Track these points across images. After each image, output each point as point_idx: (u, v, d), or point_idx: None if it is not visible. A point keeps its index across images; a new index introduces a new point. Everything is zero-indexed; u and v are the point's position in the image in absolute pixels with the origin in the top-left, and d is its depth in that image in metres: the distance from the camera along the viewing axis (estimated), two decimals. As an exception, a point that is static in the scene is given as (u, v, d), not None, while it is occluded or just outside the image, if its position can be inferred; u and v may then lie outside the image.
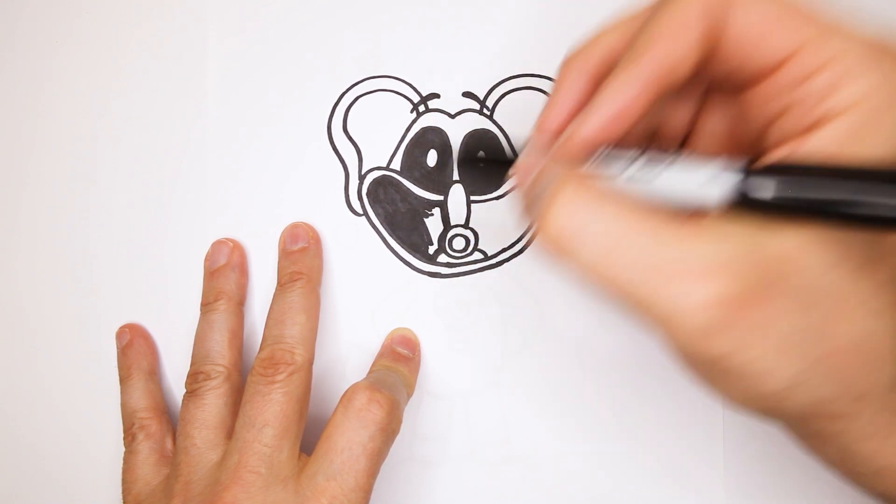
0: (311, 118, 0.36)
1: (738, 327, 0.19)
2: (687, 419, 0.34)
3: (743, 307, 0.19)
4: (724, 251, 0.19)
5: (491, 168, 0.29)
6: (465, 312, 0.35)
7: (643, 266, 0.19)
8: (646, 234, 0.19)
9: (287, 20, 0.36)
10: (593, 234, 0.20)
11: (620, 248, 0.19)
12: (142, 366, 0.35)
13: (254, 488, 0.28)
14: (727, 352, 0.19)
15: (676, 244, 0.19)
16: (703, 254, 0.19)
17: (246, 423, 0.30)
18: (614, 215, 0.20)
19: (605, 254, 0.19)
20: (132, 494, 0.32)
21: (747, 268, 0.19)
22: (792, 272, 0.19)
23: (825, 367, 0.20)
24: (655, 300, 0.19)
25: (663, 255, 0.19)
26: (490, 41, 0.35)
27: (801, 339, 0.20)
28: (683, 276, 0.19)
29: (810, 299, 0.19)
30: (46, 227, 0.37)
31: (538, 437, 0.35)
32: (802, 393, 0.20)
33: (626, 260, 0.19)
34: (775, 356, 0.19)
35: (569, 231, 0.20)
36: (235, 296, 0.35)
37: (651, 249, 0.19)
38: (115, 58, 0.37)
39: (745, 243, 0.19)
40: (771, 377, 0.20)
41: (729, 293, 0.19)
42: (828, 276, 0.19)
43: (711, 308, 0.19)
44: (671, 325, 0.19)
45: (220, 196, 0.36)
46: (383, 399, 0.30)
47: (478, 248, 0.35)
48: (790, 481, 0.34)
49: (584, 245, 0.20)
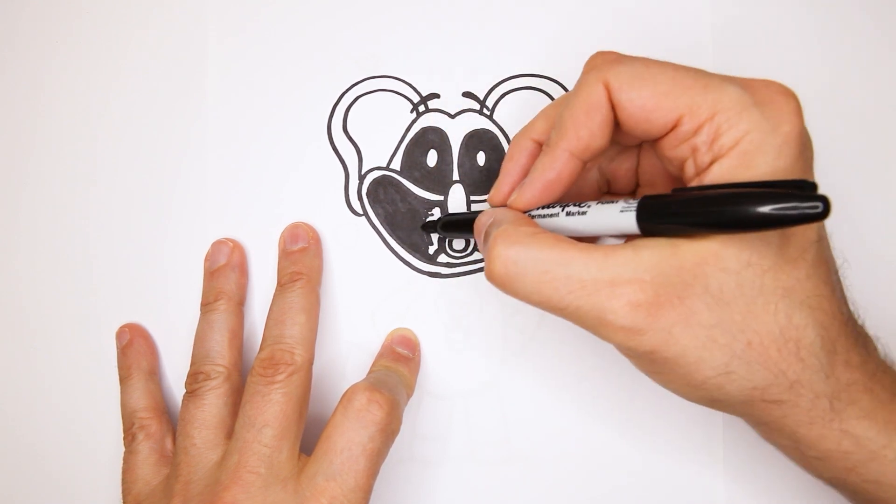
0: (311, 118, 0.36)
1: (660, 325, 0.23)
2: (687, 419, 0.34)
3: (660, 307, 0.23)
4: (639, 263, 0.23)
5: (458, 228, 0.33)
6: (465, 312, 0.35)
7: (573, 284, 0.23)
8: (572, 258, 0.24)
9: (287, 20, 0.36)
10: (528, 263, 0.24)
11: (552, 271, 0.24)
12: (142, 366, 0.35)
13: (253, 488, 0.28)
14: (655, 346, 0.23)
15: (598, 262, 0.23)
16: (620, 267, 0.23)
17: (246, 424, 0.30)
18: (544, 247, 0.24)
19: (540, 278, 0.24)
20: (132, 494, 0.32)
21: (658, 276, 0.23)
22: (707, 273, 0.23)
23: (751, 357, 0.23)
24: (588, 311, 0.23)
25: (588, 273, 0.23)
26: (490, 41, 0.35)
27: (722, 332, 0.23)
28: (606, 287, 0.23)
29: (728, 296, 0.23)
30: (46, 227, 0.37)
31: (538, 437, 0.35)
32: (736, 380, 0.23)
33: (558, 281, 0.23)
34: (701, 348, 0.23)
35: (509, 264, 0.24)
36: (235, 296, 0.35)
37: (577, 269, 0.23)
38: (115, 58, 0.37)
39: (659, 254, 0.23)
40: (701, 367, 0.23)
41: (646, 297, 0.23)
42: (742, 274, 0.23)
43: (632, 311, 0.23)
44: (605, 329, 0.23)
45: (220, 196, 0.36)
46: (383, 399, 0.30)
47: (477, 248, 0.35)
48: (790, 483, 0.34)
49: (523, 274, 0.24)
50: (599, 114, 0.25)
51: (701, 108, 0.23)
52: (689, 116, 0.23)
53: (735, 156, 0.23)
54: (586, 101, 0.25)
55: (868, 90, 0.35)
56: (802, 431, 0.24)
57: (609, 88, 0.24)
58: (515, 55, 0.35)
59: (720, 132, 0.23)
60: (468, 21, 0.36)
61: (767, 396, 0.24)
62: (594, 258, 0.23)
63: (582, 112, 0.25)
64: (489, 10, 0.36)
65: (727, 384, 0.23)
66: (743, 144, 0.23)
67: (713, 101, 0.23)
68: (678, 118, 0.24)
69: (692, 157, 0.24)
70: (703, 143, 0.23)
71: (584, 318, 0.24)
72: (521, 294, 0.24)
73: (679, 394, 0.25)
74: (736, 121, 0.23)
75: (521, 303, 0.35)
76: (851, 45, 0.35)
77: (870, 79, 0.35)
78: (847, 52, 0.35)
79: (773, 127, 0.23)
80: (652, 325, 0.23)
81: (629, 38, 0.35)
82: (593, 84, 0.25)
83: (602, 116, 0.25)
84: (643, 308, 0.22)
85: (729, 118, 0.23)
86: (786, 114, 0.23)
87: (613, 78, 0.24)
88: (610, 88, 0.24)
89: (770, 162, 0.23)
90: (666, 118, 0.24)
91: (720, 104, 0.23)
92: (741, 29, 0.35)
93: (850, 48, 0.35)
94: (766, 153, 0.23)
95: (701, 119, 0.23)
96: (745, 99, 0.23)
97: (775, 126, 0.23)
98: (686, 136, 0.24)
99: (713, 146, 0.23)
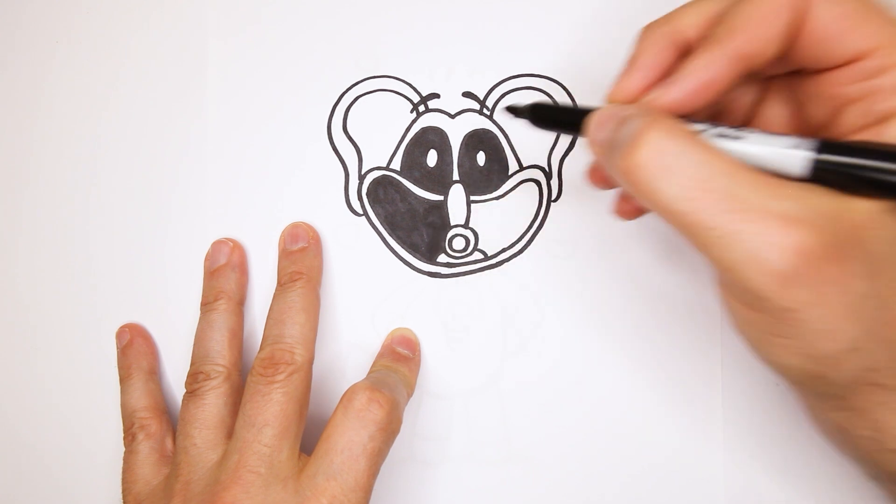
0: (311, 118, 0.36)
1: (816, 280, 0.20)
2: (687, 419, 0.34)
3: (822, 261, 0.20)
4: (809, 207, 0.20)
5: (562, 117, 0.27)
6: (465, 312, 0.35)
7: (736, 203, 0.20)
8: (735, 177, 0.20)
9: (287, 20, 0.36)
10: (681, 171, 0.20)
11: (714, 180, 0.20)
12: (142, 366, 0.35)
13: (254, 488, 0.28)
14: (800, 303, 0.20)
15: (764, 191, 0.20)
16: (789, 204, 0.20)
17: (246, 423, 0.30)
18: (703, 156, 0.20)
19: (692, 189, 0.20)
20: (132, 494, 0.32)
21: (829, 226, 0.20)
22: (865, 239, 0.20)
23: (884, 335, 0.21)
24: (739, 239, 0.20)
25: (751, 198, 0.20)
26: (489, 41, 0.35)
27: (865, 305, 0.20)
28: (771, 219, 0.20)
29: (879, 267, 0.20)
30: (46, 227, 0.37)
31: (538, 437, 0.35)
32: (857, 358, 0.21)
33: (719, 193, 0.20)
34: (842, 317, 0.20)
35: (656, 167, 0.20)
36: (235, 295, 0.35)
37: (739, 191, 0.20)
38: (115, 58, 0.37)
39: (827, 205, 0.20)
40: (832, 337, 0.20)
41: (813, 244, 0.19)
42: None
43: (794, 255, 0.19)
44: (750, 266, 0.20)
45: (220, 196, 0.36)
46: (383, 399, 0.30)
47: (478, 248, 0.35)
48: (790, 485, 0.34)
49: (671, 181, 0.20)
50: (786, 15, 0.21)
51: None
52: (885, 51, 0.21)
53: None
54: (770, 0, 0.22)
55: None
56: (892, 421, 0.22)
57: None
58: (515, 55, 0.35)
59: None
60: (468, 21, 0.36)
61: (879, 379, 0.22)
62: (768, 184, 0.20)
63: (767, 8, 0.22)
64: (489, 10, 0.36)
65: (846, 362, 0.21)
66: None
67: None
68: (870, 49, 0.21)
69: (865, 101, 0.21)
70: (889, 87, 0.21)
71: (730, 248, 0.20)
72: (666, 195, 0.20)
73: (781, 364, 0.22)
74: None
75: (521, 303, 0.35)
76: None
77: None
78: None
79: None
80: (811, 277, 0.20)
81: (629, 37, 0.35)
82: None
83: (788, 19, 0.21)
84: (810, 256, 0.19)
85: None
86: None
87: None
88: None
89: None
90: (857, 45, 0.21)
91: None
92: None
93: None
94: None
95: (894, 59, 0.21)
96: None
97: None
98: (870, 73, 0.21)
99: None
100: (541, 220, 0.35)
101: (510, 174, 0.35)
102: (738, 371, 0.33)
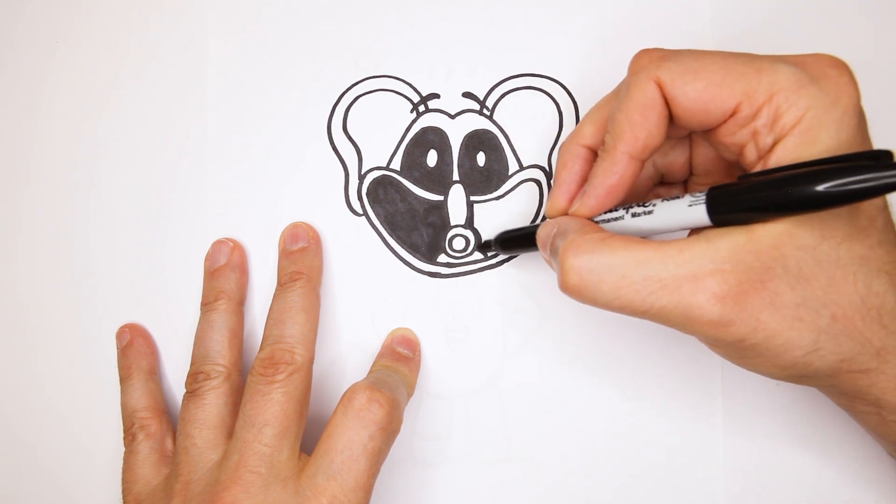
0: (311, 118, 0.36)
1: (748, 312, 0.23)
2: (686, 419, 0.34)
3: (743, 294, 0.22)
4: (717, 253, 0.23)
5: (518, 244, 0.32)
6: (465, 312, 0.35)
7: (653, 285, 0.23)
8: (645, 263, 0.23)
9: (287, 20, 0.36)
10: (601, 279, 0.24)
11: (629, 275, 0.23)
12: (142, 366, 0.35)
13: (254, 488, 0.28)
14: (744, 334, 0.23)
15: (675, 259, 0.23)
16: (695, 263, 0.23)
17: (246, 423, 0.30)
18: (614, 259, 0.24)
19: (616, 289, 0.24)
20: (132, 494, 0.32)
21: (739, 262, 0.23)
22: (785, 254, 0.23)
23: (836, 330, 0.23)
24: (673, 309, 0.23)
25: (663, 275, 0.23)
26: (490, 41, 0.35)
27: (807, 310, 0.23)
28: (684, 284, 0.23)
29: (808, 272, 0.23)
30: (46, 227, 0.37)
31: (538, 437, 0.35)
32: (824, 356, 0.23)
33: (638, 284, 0.23)
34: (789, 329, 0.23)
35: (583, 285, 0.24)
36: (235, 295, 0.35)
37: (651, 272, 0.23)
38: (115, 58, 0.37)
39: (734, 244, 0.23)
40: (790, 347, 0.23)
41: (728, 286, 0.22)
42: (818, 249, 0.23)
43: (716, 303, 0.22)
44: (690, 324, 0.23)
45: (220, 196, 0.36)
46: (383, 399, 0.30)
47: (478, 248, 0.35)
48: (790, 484, 0.34)
49: (599, 289, 0.24)
50: (655, 112, 0.25)
51: (758, 91, 0.23)
52: (747, 102, 0.24)
53: (798, 134, 0.23)
54: (640, 100, 0.25)
55: (868, 82, 0.35)
56: (888, 398, 0.25)
57: (661, 85, 0.25)
58: (515, 55, 0.35)
59: (780, 112, 0.23)
60: (468, 21, 0.36)
61: (854, 367, 0.24)
62: (670, 255, 0.23)
63: (637, 112, 0.25)
64: (489, 10, 0.36)
65: (816, 360, 0.24)
66: (804, 122, 0.23)
67: (769, 83, 0.23)
68: (736, 105, 0.24)
69: (753, 141, 0.24)
70: (763, 126, 0.24)
71: (669, 317, 0.23)
72: (601, 302, 0.24)
73: (766, 374, 0.25)
74: (795, 99, 0.23)
75: (521, 303, 0.35)
76: (850, 45, 0.35)
77: (870, 66, 0.35)
78: (847, 46, 0.35)
79: (833, 101, 0.23)
80: (740, 314, 0.22)
81: (629, 37, 0.35)
82: (645, 83, 0.25)
83: (657, 114, 0.25)
84: (729, 298, 0.22)
85: (787, 97, 0.23)
86: (842, 86, 0.23)
87: (665, 74, 0.24)
88: (662, 85, 0.25)
89: (833, 136, 0.23)
90: (724, 106, 0.24)
91: (777, 85, 0.23)
92: (741, 28, 0.35)
93: (850, 45, 0.35)
94: (828, 128, 0.23)
95: (759, 102, 0.23)
96: (801, 76, 0.23)
97: (834, 100, 0.23)
98: (745, 121, 0.24)
99: (774, 127, 0.23)
100: (541, 220, 0.35)
101: (510, 174, 0.35)
102: (738, 371, 0.33)
